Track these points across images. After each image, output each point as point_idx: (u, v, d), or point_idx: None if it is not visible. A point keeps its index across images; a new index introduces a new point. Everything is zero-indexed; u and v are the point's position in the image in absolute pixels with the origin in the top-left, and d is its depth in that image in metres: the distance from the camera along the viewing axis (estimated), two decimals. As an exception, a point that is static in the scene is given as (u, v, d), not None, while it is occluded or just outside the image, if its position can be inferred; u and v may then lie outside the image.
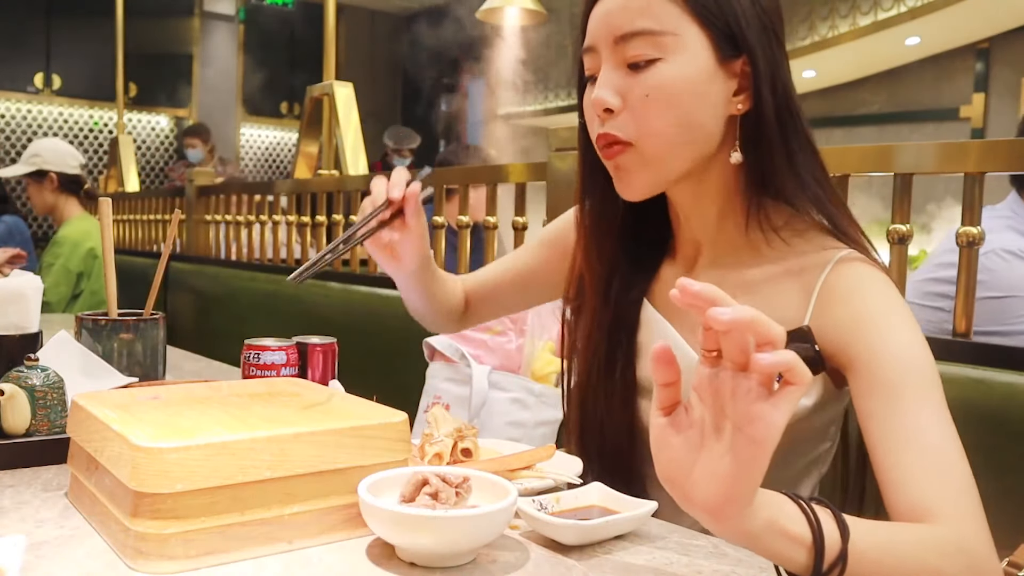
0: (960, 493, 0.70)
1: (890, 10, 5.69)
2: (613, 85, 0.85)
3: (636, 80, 0.84)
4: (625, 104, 0.85)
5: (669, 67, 0.83)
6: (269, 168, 8.45)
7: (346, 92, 2.74)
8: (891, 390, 0.76)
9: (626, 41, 0.84)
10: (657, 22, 0.83)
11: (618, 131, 0.85)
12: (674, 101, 0.83)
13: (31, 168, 3.23)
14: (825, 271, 0.84)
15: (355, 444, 0.73)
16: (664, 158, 0.85)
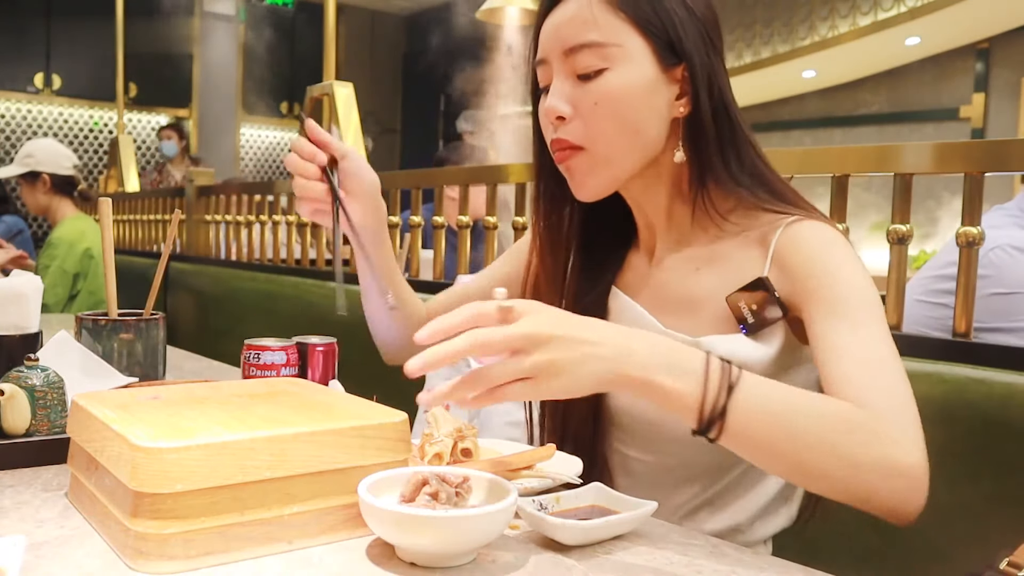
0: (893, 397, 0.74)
1: (890, 10, 5.69)
2: (564, 94, 0.91)
3: (585, 89, 0.90)
4: (576, 112, 0.91)
5: (615, 76, 0.89)
6: (269, 168, 8.45)
7: (346, 92, 2.74)
8: (836, 310, 0.82)
9: (574, 53, 0.90)
10: (602, 34, 0.89)
11: (570, 136, 0.91)
12: (620, 108, 0.90)
13: (24, 169, 3.21)
14: (778, 232, 0.90)
15: (355, 444, 0.73)
16: (613, 160, 0.92)
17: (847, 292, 0.83)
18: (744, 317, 0.89)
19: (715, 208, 0.93)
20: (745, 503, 0.95)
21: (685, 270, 0.96)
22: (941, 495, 1.10)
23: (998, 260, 1.45)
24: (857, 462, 0.69)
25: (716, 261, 0.94)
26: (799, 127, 7.11)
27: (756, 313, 0.88)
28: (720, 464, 0.94)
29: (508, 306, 0.69)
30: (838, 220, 1.27)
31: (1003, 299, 1.43)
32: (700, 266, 0.95)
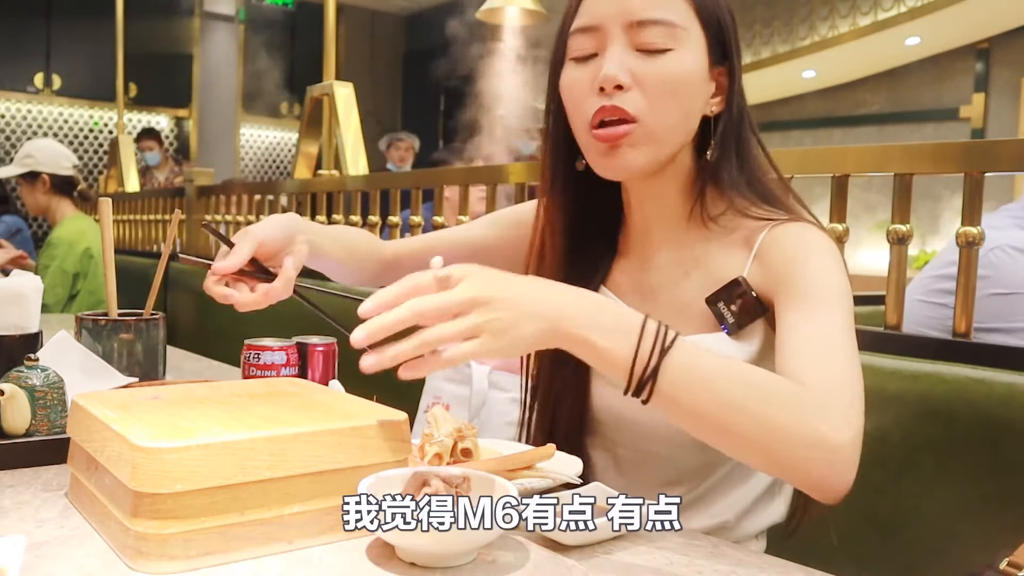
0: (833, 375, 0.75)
1: (890, 10, 5.69)
2: (623, 63, 0.88)
3: (651, 64, 0.88)
4: (636, 83, 0.89)
5: (680, 58, 0.89)
6: (269, 168, 8.45)
7: (346, 92, 2.73)
8: (801, 301, 0.84)
9: (643, 27, 0.88)
10: (673, 15, 0.89)
11: (627, 106, 0.88)
12: (681, 90, 0.89)
13: (24, 169, 3.20)
14: (763, 233, 0.92)
15: (355, 444, 0.73)
16: (663, 140, 0.91)
17: (814, 285, 0.85)
18: (724, 317, 0.90)
19: (707, 210, 0.95)
20: (733, 500, 0.96)
21: (675, 274, 0.98)
22: (941, 495, 1.10)
23: (998, 260, 1.45)
24: (783, 433, 0.69)
25: (703, 264, 0.96)
26: (799, 127, 7.11)
27: (736, 313, 0.89)
28: (708, 462, 0.95)
29: (445, 275, 0.70)
30: (838, 220, 1.27)
31: (1003, 299, 1.43)
32: (689, 270, 0.97)
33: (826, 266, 0.87)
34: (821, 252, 0.88)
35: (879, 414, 1.15)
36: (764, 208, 0.94)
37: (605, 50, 0.90)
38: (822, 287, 0.85)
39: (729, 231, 0.95)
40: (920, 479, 1.12)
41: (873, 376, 1.16)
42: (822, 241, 0.90)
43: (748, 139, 0.96)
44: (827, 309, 0.83)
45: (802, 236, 0.90)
